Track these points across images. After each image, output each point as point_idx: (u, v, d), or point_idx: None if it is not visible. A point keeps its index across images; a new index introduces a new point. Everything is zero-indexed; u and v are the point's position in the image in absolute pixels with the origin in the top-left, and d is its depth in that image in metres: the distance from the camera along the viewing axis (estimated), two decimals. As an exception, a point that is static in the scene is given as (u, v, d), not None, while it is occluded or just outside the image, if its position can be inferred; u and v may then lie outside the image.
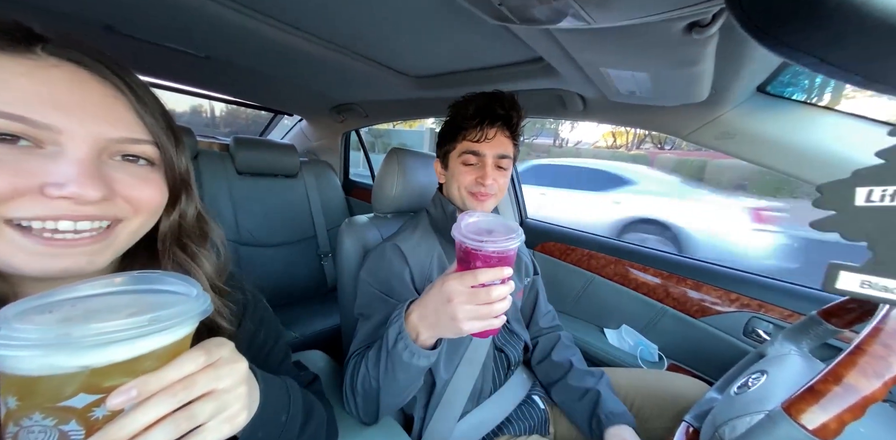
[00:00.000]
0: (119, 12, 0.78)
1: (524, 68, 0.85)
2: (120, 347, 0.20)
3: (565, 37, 0.53)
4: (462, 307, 0.42)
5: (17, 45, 0.26)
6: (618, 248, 1.10)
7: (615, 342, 1.02)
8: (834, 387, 0.34)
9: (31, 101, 0.25)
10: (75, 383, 0.19)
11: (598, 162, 4.55)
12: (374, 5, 0.63)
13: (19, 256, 0.26)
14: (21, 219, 0.25)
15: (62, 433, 0.19)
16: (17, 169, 0.25)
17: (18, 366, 0.19)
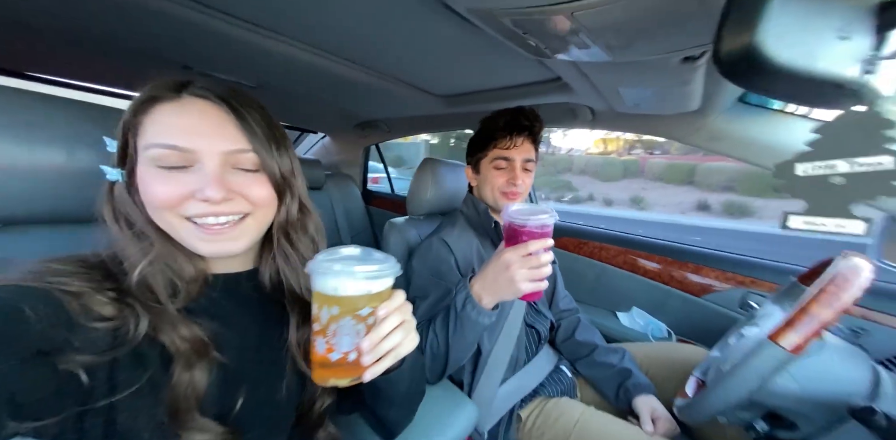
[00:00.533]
0: (191, 53, 0.89)
1: (542, 87, 0.99)
2: (377, 282, 0.34)
3: (587, 65, 0.67)
4: (519, 271, 0.55)
5: (172, 92, 0.37)
6: (625, 239, 1.24)
7: (627, 323, 1.14)
8: (803, 317, 0.48)
9: (178, 132, 0.35)
10: (363, 301, 0.34)
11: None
12: (408, 32, 0.69)
13: (196, 242, 0.37)
14: (191, 216, 0.36)
15: (356, 330, 0.34)
16: (180, 183, 0.36)
17: (343, 291, 0.33)
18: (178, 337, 0.35)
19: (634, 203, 12.64)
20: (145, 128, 0.36)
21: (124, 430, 0.33)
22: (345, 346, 0.33)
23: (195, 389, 0.35)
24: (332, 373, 0.34)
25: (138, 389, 0.33)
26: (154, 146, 0.35)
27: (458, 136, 14.04)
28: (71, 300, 0.31)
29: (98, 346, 0.32)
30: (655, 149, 19.06)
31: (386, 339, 0.35)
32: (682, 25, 0.41)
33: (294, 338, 0.45)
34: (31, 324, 0.28)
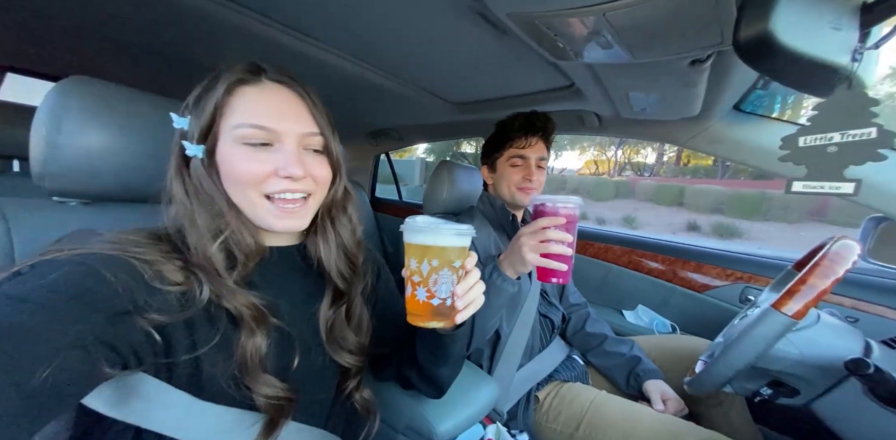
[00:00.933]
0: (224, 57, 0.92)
1: (554, 94, 1.07)
2: (464, 239, 0.41)
3: (602, 68, 0.76)
4: (527, 242, 0.61)
5: (253, 76, 0.41)
6: (630, 240, 1.30)
7: (633, 320, 1.18)
8: (802, 287, 0.53)
9: (265, 114, 0.39)
10: (456, 254, 0.40)
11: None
12: (435, 38, 0.73)
13: (271, 218, 0.41)
14: (271, 193, 0.40)
15: (452, 279, 0.40)
16: (265, 161, 0.39)
17: (442, 243, 0.40)
18: (239, 304, 0.38)
19: (626, 222, 12.92)
20: (233, 108, 0.39)
21: (207, 378, 0.37)
22: (443, 293, 0.39)
23: (258, 351, 0.39)
24: (431, 317, 0.40)
25: (214, 345, 0.37)
26: (243, 125, 0.38)
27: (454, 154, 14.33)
28: (146, 267, 0.35)
29: (172, 307, 0.36)
30: (645, 170, 19.74)
31: (473, 288, 0.42)
32: (696, 26, 0.49)
33: (323, 315, 0.48)
34: (111, 285, 0.32)
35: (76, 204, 0.51)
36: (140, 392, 0.34)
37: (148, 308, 0.33)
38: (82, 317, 0.29)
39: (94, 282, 0.31)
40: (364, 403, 0.53)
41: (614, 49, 0.59)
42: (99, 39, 0.90)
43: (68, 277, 0.30)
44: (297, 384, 0.42)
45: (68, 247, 0.33)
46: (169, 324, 0.35)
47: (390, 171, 2.20)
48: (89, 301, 0.30)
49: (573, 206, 0.61)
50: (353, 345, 0.50)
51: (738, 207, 11.27)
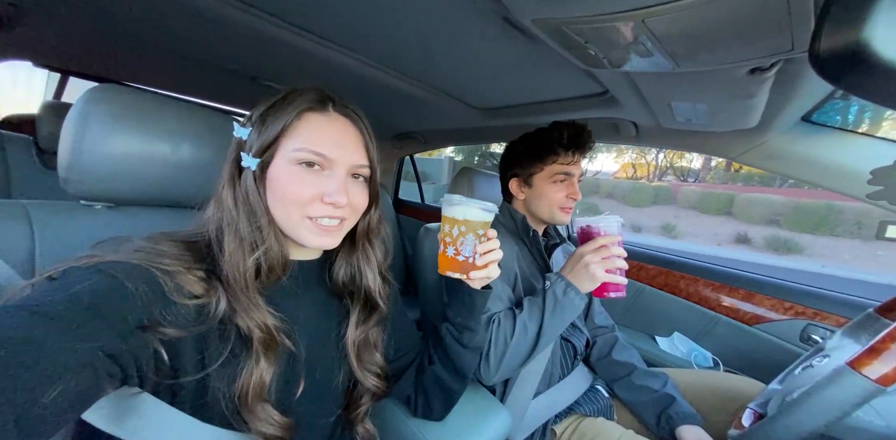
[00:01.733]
0: (257, 65, 0.98)
1: (587, 101, 1.00)
2: (489, 214, 0.51)
3: (641, 76, 0.68)
4: (592, 260, 0.66)
5: (322, 105, 0.43)
6: (667, 260, 1.18)
7: (667, 348, 1.07)
8: (891, 345, 0.43)
9: (326, 142, 0.42)
10: (479, 224, 0.51)
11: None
12: (462, 45, 0.72)
13: (308, 235, 0.43)
14: (312, 216, 0.42)
15: (475, 242, 0.51)
16: (313, 185, 0.41)
17: (472, 216, 0.51)
18: (252, 324, 0.38)
19: (666, 230, 12.07)
20: (299, 131, 0.41)
21: (211, 398, 0.36)
22: (467, 252, 0.51)
23: (261, 382, 0.38)
24: (456, 269, 0.51)
25: (221, 364, 0.36)
26: (305, 150, 0.41)
27: (483, 153, 14.17)
28: (167, 279, 0.35)
29: (187, 321, 0.35)
30: (689, 176, 18.36)
31: (490, 252, 0.51)
32: (757, 33, 0.42)
33: (351, 336, 0.49)
34: (131, 298, 0.32)
35: (101, 207, 0.53)
36: (137, 410, 0.34)
37: (162, 320, 0.34)
38: (95, 332, 0.29)
39: (116, 295, 0.31)
40: (366, 435, 0.52)
41: (655, 57, 0.52)
42: (152, 49, 0.97)
43: (92, 289, 0.30)
44: (299, 408, 0.42)
45: (101, 253, 0.34)
46: (180, 340, 0.35)
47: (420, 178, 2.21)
48: (107, 315, 0.30)
49: (618, 222, 0.69)
50: (378, 366, 0.52)
51: (797, 219, 10.11)
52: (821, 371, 0.55)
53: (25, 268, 0.43)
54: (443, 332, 0.57)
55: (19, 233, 0.43)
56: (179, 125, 0.52)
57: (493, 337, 0.68)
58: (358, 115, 0.46)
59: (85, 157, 0.46)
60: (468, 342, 0.56)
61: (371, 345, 0.51)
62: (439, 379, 0.57)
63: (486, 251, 0.51)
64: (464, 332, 0.56)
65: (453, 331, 0.56)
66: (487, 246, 0.51)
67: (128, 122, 0.48)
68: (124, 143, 0.48)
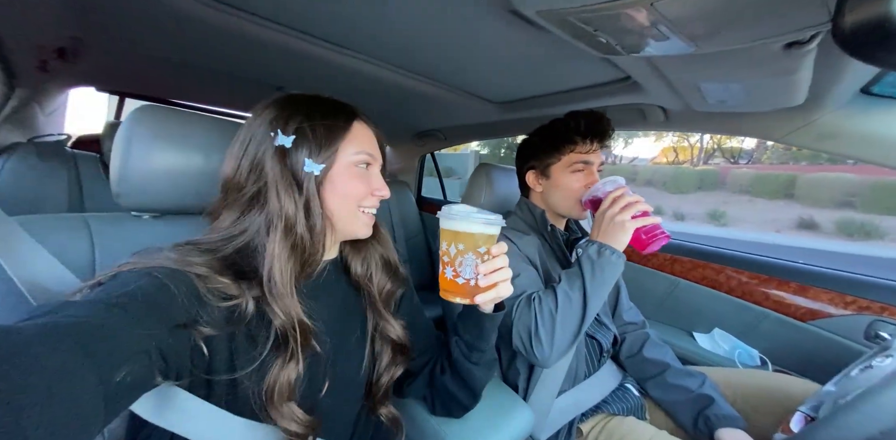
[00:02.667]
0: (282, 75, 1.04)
1: (608, 88, 0.95)
2: (491, 228, 0.45)
3: (663, 60, 0.64)
4: (614, 212, 0.67)
5: (358, 115, 0.50)
6: (704, 252, 1.10)
7: (708, 346, 1.00)
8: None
9: (371, 144, 0.49)
10: (482, 240, 0.45)
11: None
12: (471, 40, 0.73)
13: (361, 226, 0.50)
14: (365, 207, 0.49)
15: (475, 262, 0.45)
16: (367, 182, 0.49)
17: (470, 230, 0.45)
18: (286, 316, 0.40)
19: (713, 218, 11.10)
20: (354, 136, 0.48)
21: (242, 394, 0.40)
22: (468, 273, 0.45)
23: (289, 381, 0.40)
24: (456, 293, 0.46)
25: (250, 363, 0.39)
26: (363, 153, 0.48)
27: (510, 145, 13.84)
28: (200, 282, 0.37)
29: (219, 322, 0.38)
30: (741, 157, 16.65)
31: (495, 272, 0.46)
32: (784, 6, 0.38)
33: (372, 325, 0.52)
34: (175, 298, 0.35)
35: (148, 217, 0.58)
36: (175, 403, 0.38)
37: (200, 320, 0.36)
38: (151, 325, 0.32)
39: (163, 294, 0.34)
40: (390, 416, 0.54)
41: (672, 41, 0.49)
42: (191, 68, 1.07)
43: (144, 288, 0.34)
44: (324, 404, 0.45)
45: (142, 260, 0.38)
46: (213, 339, 0.37)
47: (445, 173, 2.23)
48: (157, 312, 0.33)
49: (623, 180, 0.72)
50: (399, 334, 0.54)
51: (878, 201, 8.79)
52: (881, 372, 0.50)
53: (87, 274, 0.49)
54: (452, 346, 0.55)
55: (81, 244, 0.50)
56: (209, 139, 0.57)
57: (538, 314, 0.67)
58: (370, 119, 0.53)
59: (131, 173, 0.52)
60: (477, 360, 0.54)
61: (388, 322, 0.54)
62: (449, 391, 0.56)
63: (489, 271, 0.45)
64: (473, 351, 0.54)
65: (462, 348, 0.54)
66: (492, 265, 0.45)
67: (165, 139, 0.54)
68: (163, 159, 0.54)
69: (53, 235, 0.46)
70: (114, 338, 0.28)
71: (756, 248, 1.10)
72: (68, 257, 0.46)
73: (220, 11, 0.68)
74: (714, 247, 1.12)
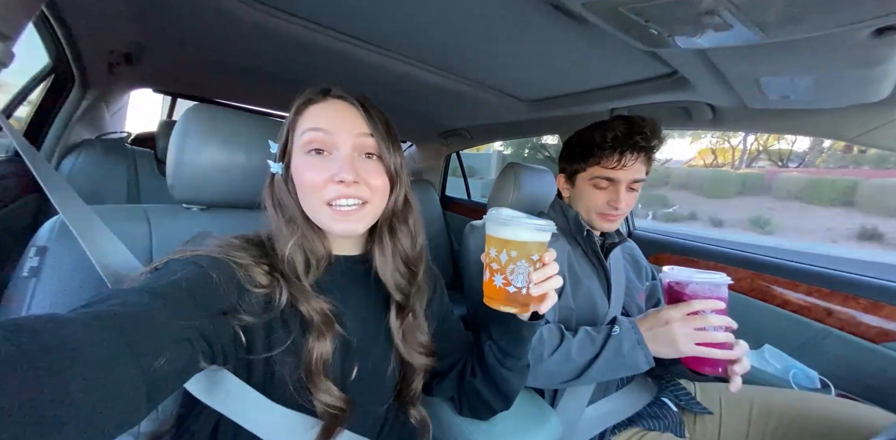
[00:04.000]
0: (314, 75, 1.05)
1: (649, 85, 0.89)
2: (543, 234, 0.43)
3: (719, 52, 0.59)
4: (680, 330, 0.55)
5: (320, 95, 0.46)
6: (754, 262, 1.02)
7: (756, 363, 0.92)
8: None
9: (324, 121, 0.44)
10: (534, 247, 0.42)
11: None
12: (505, 36, 0.71)
13: (330, 222, 0.44)
14: (329, 200, 0.43)
15: (528, 270, 0.42)
16: (323, 169, 0.42)
17: (523, 238, 0.42)
18: (311, 309, 0.42)
19: (756, 225, 10.27)
20: (300, 123, 0.45)
21: (278, 380, 0.41)
22: (519, 282, 0.42)
23: (323, 355, 0.42)
24: (506, 302, 0.44)
25: (286, 349, 0.41)
26: (306, 131, 0.43)
27: (534, 146, 13.47)
28: (241, 271, 0.39)
29: (256, 310, 0.40)
30: (791, 160, 15.32)
31: (549, 280, 0.43)
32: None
33: (394, 326, 0.50)
34: (217, 287, 0.37)
35: (197, 209, 0.61)
36: (223, 386, 0.40)
37: (239, 308, 0.38)
38: (193, 313, 0.33)
39: (205, 282, 0.36)
40: (419, 418, 0.54)
41: (736, 30, 0.45)
42: (238, 69, 1.13)
43: (189, 277, 0.35)
44: (354, 393, 0.45)
45: (190, 248, 0.40)
46: (252, 325, 0.39)
47: (468, 173, 2.23)
48: (200, 300, 0.35)
49: (724, 281, 0.55)
50: (424, 346, 0.52)
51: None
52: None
53: (145, 259, 0.53)
54: (485, 350, 0.53)
55: (141, 232, 0.54)
56: (251, 136, 0.60)
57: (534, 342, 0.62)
58: (356, 97, 0.46)
59: (184, 167, 0.56)
60: (512, 366, 0.52)
61: (414, 328, 0.51)
62: (480, 394, 0.55)
63: (542, 280, 0.43)
64: (508, 358, 0.52)
65: (497, 354, 0.52)
66: (544, 272, 0.43)
67: (214, 136, 0.57)
68: (211, 154, 0.57)
69: (117, 224, 0.50)
70: (154, 328, 0.29)
71: (809, 260, 1.00)
72: (130, 244, 0.49)
73: (265, 13, 0.72)
74: (765, 257, 1.03)
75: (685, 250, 1.18)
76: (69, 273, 0.44)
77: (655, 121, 0.71)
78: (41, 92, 1.10)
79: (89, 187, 1.21)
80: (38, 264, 0.45)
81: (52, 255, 0.45)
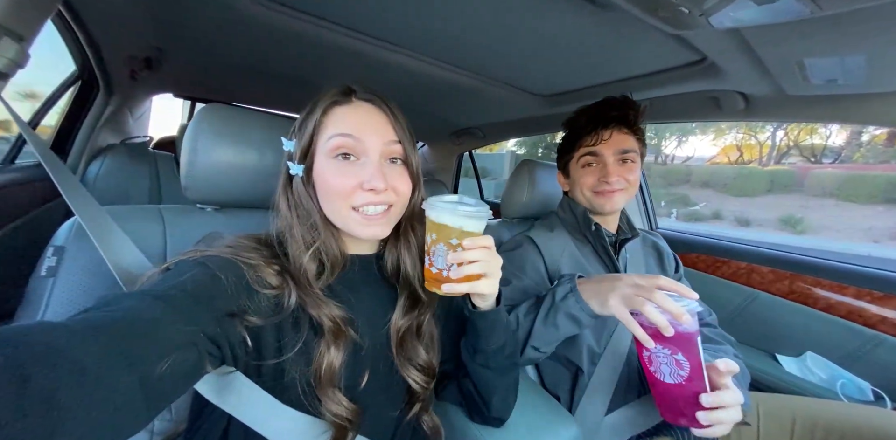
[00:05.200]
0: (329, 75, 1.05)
1: (674, 74, 0.85)
2: (470, 220, 0.41)
3: (757, 31, 0.54)
4: (623, 289, 0.52)
5: (345, 97, 0.44)
6: (793, 262, 0.94)
7: (795, 371, 0.85)
8: None
9: (351, 125, 0.43)
10: (455, 232, 0.41)
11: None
12: (521, 28, 0.68)
13: (356, 227, 0.44)
14: (357, 205, 0.43)
15: (445, 252, 0.42)
16: (352, 175, 0.42)
17: (443, 220, 0.41)
18: (322, 314, 0.40)
19: (787, 224, 9.73)
20: (326, 126, 0.43)
21: (288, 382, 0.40)
22: (440, 263, 0.43)
23: (331, 366, 0.40)
24: (430, 280, 0.44)
25: (297, 351, 0.40)
26: (334, 136, 0.42)
27: (548, 145, 13.30)
28: (250, 271, 0.38)
29: (266, 311, 0.39)
30: (825, 156, 14.43)
31: (466, 265, 0.42)
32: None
33: (395, 324, 0.48)
34: (225, 288, 0.36)
35: (210, 209, 0.61)
36: (234, 388, 0.39)
37: (248, 309, 0.37)
38: (199, 316, 0.33)
39: (212, 284, 0.36)
40: (431, 424, 0.52)
41: (782, 2, 0.41)
42: (252, 72, 1.15)
43: (195, 279, 0.35)
44: (365, 399, 0.44)
45: (201, 249, 0.40)
46: (261, 327, 0.38)
47: (480, 174, 2.20)
48: (205, 302, 0.34)
49: (691, 318, 0.46)
50: (423, 362, 0.50)
51: None
52: None
53: (160, 259, 0.53)
54: (462, 348, 0.53)
55: (156, 232, 0.54)
56: (263, 135, 0.59)
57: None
58: (382, 100, 0.46)
59: (197, 168, 0.56)
60: (483, 363, 0.50)
61: (418, 337, 0.50)
62: (471, 396, 0.54)
63: (460, 262, 0.41)
64: (477, 353, 0.50)
65: (469, 350, 0.52)
66: (460, 256, 0.41)
67: (226, 136, 0.57)
68: (223, 155, 0.57)
69: (133, 224, 0.50)
70: (153, 333, 0.29)
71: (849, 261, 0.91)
72: (145, 243, 0.49)
73: (277, 12, 0.72)
74: (807, 256, 0.95)
75: (713, 249, 1.11)
76: (86, 272, 0.44)
77: (625, 95, 0.74)
78: (69, 99, 1.15)
79: (115, 189, 1.25)
80: (55, 264, 0.45)
81: (69, 255, 0.46)
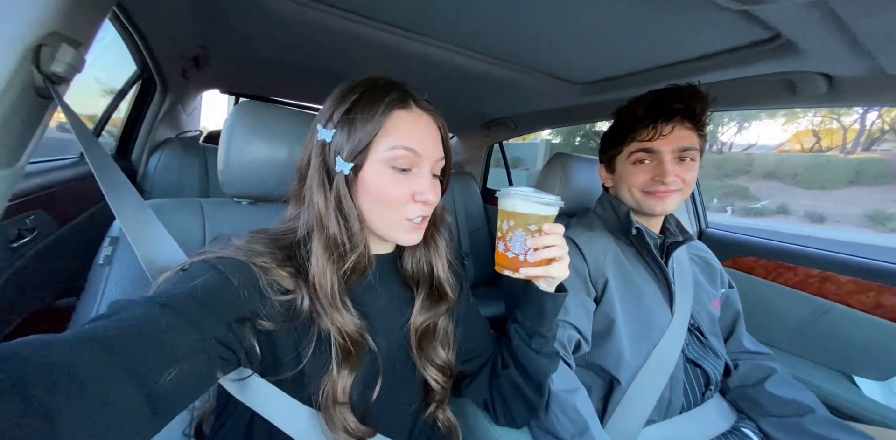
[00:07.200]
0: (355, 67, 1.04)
1: (739, 54, 0.73)
2: (544, 207, 0.46)
3: (849, 1, 0.45)
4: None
5: (406, 102, 0.43)
6: (883, 271, 0.80)
7: (879, 397, 0.74)
8: None
9: (414, 138, 0.42)
10: (533, 219, 0.46)
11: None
12: (558, 12, 0.63)
13: (402, 234, 0.45)
14: (412, 217, 0.44)
15: (524, 237, 0.46)
16: (407, 185, 0.43)
17: (522, 209, 0.46)
18: (333, 329, 0.39)
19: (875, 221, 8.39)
20: (389, 131, 0.41)
21: (308, 382, 0.40)
22: (517, 248, 0.47)
23: (340, 387, 0.40)
24: (506, 264, 0.48)
25: (313, 355, 0.40)
26: (399, 147, 0.41)
27: (586, 133, 12.39)
28: (262, 275, 0.37)
29: (279, 315, 0.38)
30: (929, 141, 12.11)
31: (543, 250, 0.45)
32: None
33: (414, 323, 0.48)
34: (237, 292, 0.35)
35: (245, 203, 0.63)
36: (253, 386, 0.39)
37: (260, 314, 0.37)
38: (208, 323, 0.32)
39: (225, 289, 0.35)
40: (446, 423, 0.52)
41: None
42: (290, 66, 1.18)
43: (205, 284, 0.34)
44: (381, 400, 0.44)
45: (212, 250, 0.39)
46: (276, 332, 0.38)
47: (512, 164, 2.12)
48: (215, 308, 0.34)
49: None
50: (442, 361, 0.50)
51: None
52: None
53: (199, 250, 0.54)
54: (512, 334, 0.54)
55: (196, 225, 0.58)
56: (293, 130, 0.60)
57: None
58: (437, 113, 0.46)
59: (233, 163, 0.58)
60: (539, 348, 0.51)
61: (434, 335, 0.49)
62: (515, 384, 0.53)
63: (538, 247, 0.45)
64: (534, 337, 0.52)
65: (522, 335, 0.52)
66: (541, 241, 0.45)
67: (259, 132, 0.59)
68: (256, 150, 0.58)
69: (175, 216, 0.54)
70: (159, 343, 0.28)
71: None
72: (186, 235, 0.52)
73: (305, 6, 0.72)
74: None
75: (775, 253, 0.98)
76: (137, 262, 0.48)
77: (693, 85, 0.66)
78: (132, 97, 1.27)
79: (171, 181, 1.37)
80: (111, 253, 0.50)
81: (123, 245, 0.50)
